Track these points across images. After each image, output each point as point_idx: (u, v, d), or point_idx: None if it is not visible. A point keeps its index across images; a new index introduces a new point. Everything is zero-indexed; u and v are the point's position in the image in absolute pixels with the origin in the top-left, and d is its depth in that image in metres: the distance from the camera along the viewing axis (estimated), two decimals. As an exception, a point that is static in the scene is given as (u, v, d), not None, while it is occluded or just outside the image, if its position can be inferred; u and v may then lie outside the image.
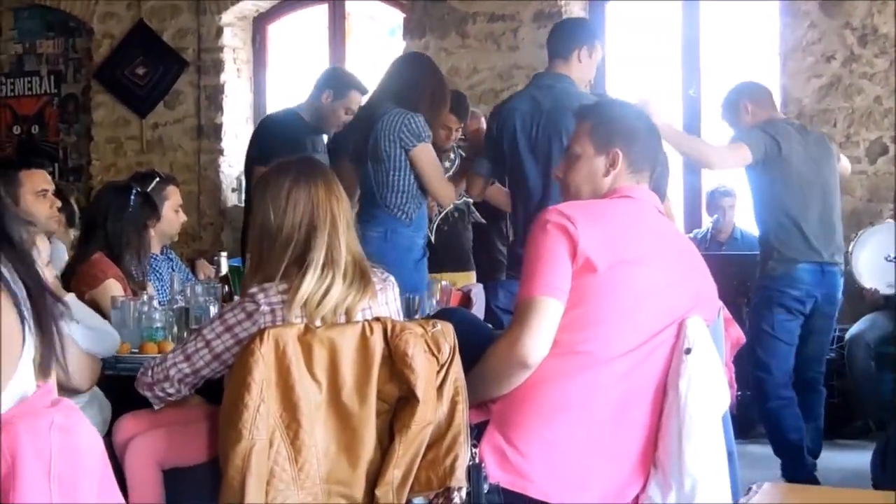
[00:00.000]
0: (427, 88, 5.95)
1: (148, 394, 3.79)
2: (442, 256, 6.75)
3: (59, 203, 5.98)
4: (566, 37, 5.91)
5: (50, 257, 4.16)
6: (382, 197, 5.83)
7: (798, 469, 6.59)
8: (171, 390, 3.75)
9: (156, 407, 3.85)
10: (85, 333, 4.11)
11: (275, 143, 6.49)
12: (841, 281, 6.68)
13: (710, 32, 9.33)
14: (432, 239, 6.83)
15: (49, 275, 4.09)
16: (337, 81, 6.82)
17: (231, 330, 3.60)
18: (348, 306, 3.62)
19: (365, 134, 5.85)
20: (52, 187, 5.91)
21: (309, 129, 6.82)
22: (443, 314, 3.93)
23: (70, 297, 4.38)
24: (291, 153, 6.22)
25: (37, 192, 5.78)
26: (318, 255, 3.61)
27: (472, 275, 7.18)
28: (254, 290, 3.61)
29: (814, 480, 6.51)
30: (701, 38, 9.28)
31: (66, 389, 3.70)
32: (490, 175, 6.03)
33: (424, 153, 5.81)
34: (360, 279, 3.67)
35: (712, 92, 9.21)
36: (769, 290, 6.65)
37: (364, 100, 6.52)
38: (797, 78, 8.55)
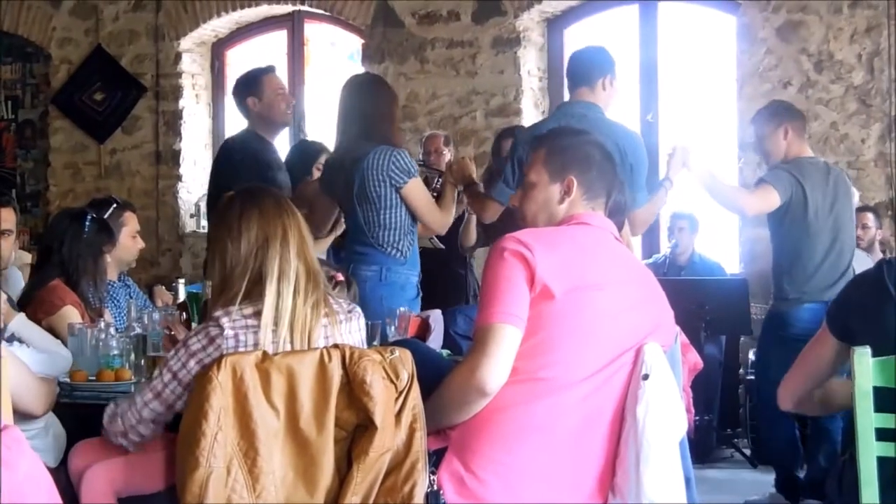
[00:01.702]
0: (391, 112, 5.97)
1: (123, 441, 3.72)
2: None
3: (18, 243, 5.94)
4: (591, 65, 5.91)
5: (3, 282, 4.15)
6: (374, 236, 5.81)
7: (789, 489, 6.77)
8: (146, 432, 3.69)
9: (131, 450, 3.79)
10: (35, 357, 4.09)
11: (243, 166, 6.36)
12: None
13: (668, 58, 9.39)
14: None
15: (2, 300, 4.07)
16: (245, 85, 6.65)
17: (195, 356, 3.58)
18: (306, 318, 3.62)
19: (349, 175, 5.80)
20: (14, 228, 5.85)
21: (268, 144, 6.65)
22: (398, 346, 3.92)
23: (20, 318, 4.36)
24: (263, 173, 6.23)
25: (2, 231, 5.73)
26: (273, 267, 3.63)
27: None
28: (218, 313, 3.61)
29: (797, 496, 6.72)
30: (658, 63, 9.33)
31: (20, 415, 3.68)
32: (506, 202, 5.91)
33: (415, 189, 5.82)
34: (308, 286, 3.67)
35: (670, 117, 9.28)
36: (773, 328, 6.79)
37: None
38: (754, 103, 8.57)
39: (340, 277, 4.57)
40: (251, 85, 6.57)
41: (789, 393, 3.87)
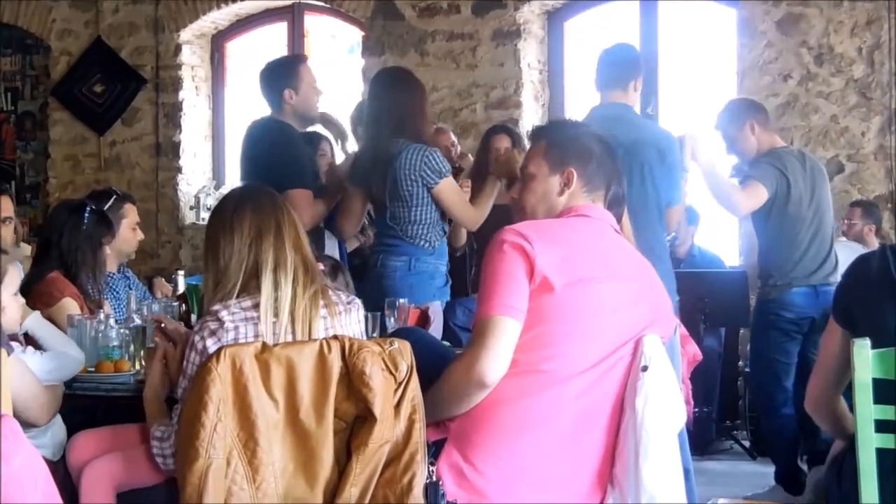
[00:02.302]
0: (421, 107, 5.95)
1: (171, 462, 3.72)
2: None
3: (20, 229, 5.94)
4: (624, 67, 5.92)
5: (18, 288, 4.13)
6: (403, 230, 5.81)
7: (790, 479, 6.78)
8: None
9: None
10: (45, 365, 4.06)
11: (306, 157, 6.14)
12: None
13: (668, 51, 9.38)
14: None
15: (15, 305, 4.06)
16: (282, 75, 6.18)
17: (203, 354, 3.58)
18: (307, 308, 3.63)
19: (381, 172, 5.78)
20: (11, 214, 5.87)
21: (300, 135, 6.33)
22: (400, 334, 3.92)
23: (35, 316, 4.34)
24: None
25: (2, 219, 5.74)
26: (268, 258, 3.66)
27: None
28: (216, 307, 3.63)
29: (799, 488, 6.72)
30: (659, 56, 9.33)
31: (22, 422, 3.68)
32: None
33: (447, 188, 5.81)
34: (307, 279, 3.70)
35: (670, 110, 9.27)
36: (765, 314, 6.81)
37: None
38: (754, 96, 8.55)
39: (322, 266, 4.57)
40: (289, 76, 6.12)
41: (810, 395, 3.86)
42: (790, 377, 6.72)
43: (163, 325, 4.11)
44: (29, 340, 4.29)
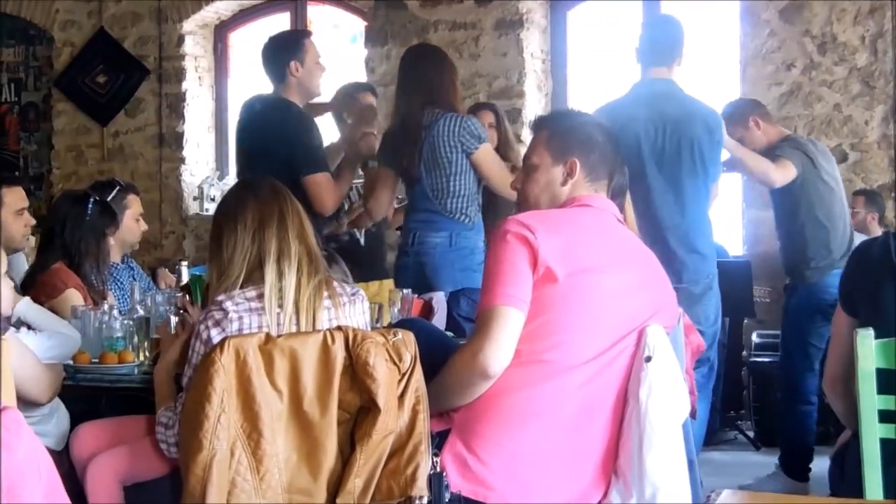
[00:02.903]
0: (452, 81, 5.94)
1: (174, 451, 3.72)
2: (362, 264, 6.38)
3: (33, 221, 5.93)
4: (673, 45, 5.91)
5: (8, 268, 4.12)
6: (442, 203, 5.80)
7: (799, 469, 6.78)
8: None
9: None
10: (44, 343, 4.08)
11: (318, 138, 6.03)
12: None
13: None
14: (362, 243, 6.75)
15: (5, 286, 4.05)
16: (287, 47, 6.07)
17: (207, 344, 3.59)
18: (311, 298, 3.64)
19: (415, 142, 5.77)
20: (27, 204, 5.87)
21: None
22: (403, 325, 3.92)
23: (25, 301, 4.35)
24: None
25: (16, 210, 5.74)
26: (271, 248, 3.67)
27: (390, 282, 6.49)
28: (220, 297, 3.64)
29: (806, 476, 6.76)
30: (662, 45, 9.31)
31: (24, 402, 3.68)
32: None
33: (486, 154, 5.81)
34: (311, 269, 3.71)
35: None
36: (809, 299, 6.73)
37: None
38: (757, 86, 8.59)
39: None
40: (294, 48, 6.02)
41: (827, 375, 3.88)
42: (817, 361, 6.75)
43: (184, 311, 4.12)
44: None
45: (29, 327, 4.26)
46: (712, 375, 6.18)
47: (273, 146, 5.80)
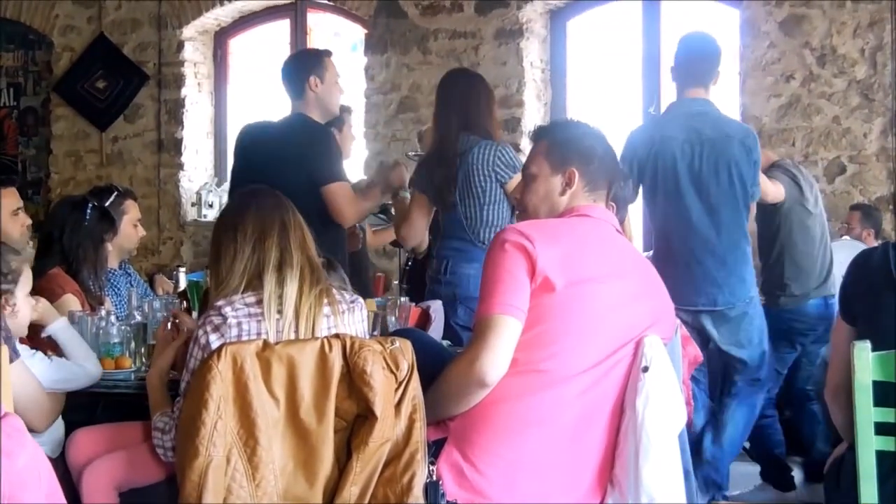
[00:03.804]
0: (489, 108, 5.90)
1: (171, 455, 3.73)
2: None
3: (28, 221, 5.93)
4: (711, 65, 5.95)
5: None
6: (475, 233, 5.75)
7: (780, 480, 6.82)
8: None
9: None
10: (50, 372, 4.02)
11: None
12: None
13: (671, 50, 9.35)
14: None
15: (28, 306, 4.04)
16: (308, 63, 6.08)
17: (206, 349, 3.58)
18: (311, 306, 3.63)
19: (450, 169, 5.72)
20: (21, 204, 5.88)
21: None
22: (398, 335, 3.92)
23: (62, 322, 4.31)
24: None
25: (12, 211, 5.74)
26: (271, 257, 3.67)
27: (372, 302, 6.64)
28: (220, 302, 3.64)
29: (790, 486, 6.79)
30: (661, 55, 9.32)
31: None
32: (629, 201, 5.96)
33: None
34: (313, 278, 3.71)
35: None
36: (778, 324, 6.65)
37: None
38: (757, 97, 8.60)
39: None
40: (315, 64, 6.01)
41: (829, 385, 3.87)
42: (778, 384, 6.79)
43: (177, 321, 4.12)
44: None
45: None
46: (760, 393, 6.25)
47: (295, 158, 5.75)
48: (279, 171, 5.63)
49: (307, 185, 5.61)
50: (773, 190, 6.58)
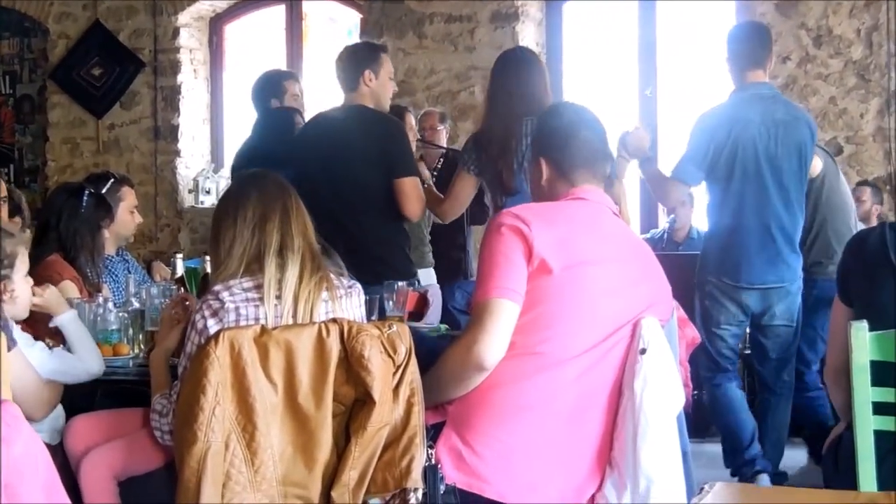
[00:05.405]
0: (543, 87, 5.79)
1: (168, 438, 3.72)
2: None
3: (27, 214, 5.94)
4: (767, 46, 6.07)
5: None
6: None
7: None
8: None
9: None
10: (48, 363, 4.01)
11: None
12: None
13: (667, 33, 9.36)
14: None
15: (27, 289, 4.03)
16: (365, 57, 5.95)
17: (203, 334, 3.58)
18: (310, 292, 3.63)
19: (512, 153, 5.60)
20: (4, 193, 5.88)
21: None
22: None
23: (71, 315, 4.29)
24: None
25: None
26: (272, 241, 3.66)
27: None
28: (218, 287, 3.63)
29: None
30: (657, 38, 9.32)
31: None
32: (695, 184, 6.18)
33: None
34: (314, 265, 3.70)
35: (668, 92, 9.26)
36: (826, 293, 6.66)
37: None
38: (752, 78, 8.59)
39: None
40: (371, 58, 5.93)
41: (829, 365, 3.89)
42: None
43: (187, 302, 4.09)
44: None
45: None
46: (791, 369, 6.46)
47: (366, 149, 5.68)
48: (349, 162, 5.64)
49: (381, 178, 5.58)
50: (814, 162, 6.68)
